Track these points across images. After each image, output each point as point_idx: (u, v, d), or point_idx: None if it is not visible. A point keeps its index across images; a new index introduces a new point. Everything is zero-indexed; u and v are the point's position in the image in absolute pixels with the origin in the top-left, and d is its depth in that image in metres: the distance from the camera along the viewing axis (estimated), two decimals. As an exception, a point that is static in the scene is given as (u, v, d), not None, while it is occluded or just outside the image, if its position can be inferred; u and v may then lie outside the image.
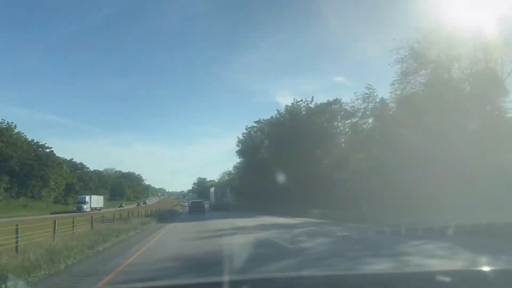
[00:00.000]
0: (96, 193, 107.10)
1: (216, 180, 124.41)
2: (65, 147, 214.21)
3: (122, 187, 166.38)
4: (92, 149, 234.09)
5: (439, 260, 8.83)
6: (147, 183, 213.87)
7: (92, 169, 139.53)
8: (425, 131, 23.33)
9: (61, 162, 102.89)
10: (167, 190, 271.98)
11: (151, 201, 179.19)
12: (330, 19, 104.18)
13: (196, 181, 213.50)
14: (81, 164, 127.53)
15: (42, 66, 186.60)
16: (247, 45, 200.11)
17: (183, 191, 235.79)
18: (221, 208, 56.49)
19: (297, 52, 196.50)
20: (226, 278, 2.01)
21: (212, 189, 69.62)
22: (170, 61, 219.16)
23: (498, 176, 19.13)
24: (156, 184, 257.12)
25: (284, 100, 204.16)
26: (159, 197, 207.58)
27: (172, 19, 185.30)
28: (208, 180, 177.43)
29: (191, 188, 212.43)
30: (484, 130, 21.55)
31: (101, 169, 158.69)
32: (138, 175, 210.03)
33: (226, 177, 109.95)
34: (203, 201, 61.47)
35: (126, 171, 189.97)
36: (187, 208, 61.63)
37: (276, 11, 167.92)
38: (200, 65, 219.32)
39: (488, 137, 21.25)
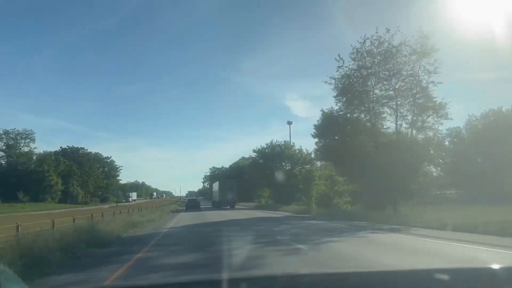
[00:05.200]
0: None
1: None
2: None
3: (37, 178, 77.40)
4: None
5: None
6: (141, 180, 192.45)
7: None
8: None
9: None
10: (174, 194, 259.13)
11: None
12: (339, 21, 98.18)
13: (209, 173, 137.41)
14: None
15: (52, 72, 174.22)
16: (255, 48, 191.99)
17: (192, 191, 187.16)
18: (226, 205, 52.87)
19: (306, 55, 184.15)
20: (225, 276, 2.01)
21: (216, 184, 63.01)
22: (177, 65, 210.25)
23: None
24: (164, 188, 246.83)
25: (293, 103, 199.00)
26: (128, 200, 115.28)
27: (179, 24, 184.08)
28: (226, 167, 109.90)
29: (201, 187, 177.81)
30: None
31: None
32: (107, 159, 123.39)
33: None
34: (198, 199, 61.80)
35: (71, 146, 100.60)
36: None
37: (284, 14, 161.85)
38: (208, 69, 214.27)
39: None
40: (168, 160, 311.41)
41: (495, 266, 2.10)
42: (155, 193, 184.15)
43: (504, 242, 11.97)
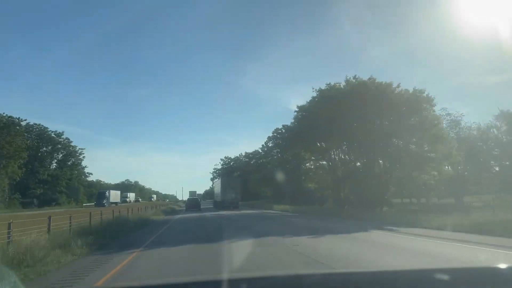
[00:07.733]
0: None
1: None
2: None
3: None
4: (107, 158, 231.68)
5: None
6: (146, 185, 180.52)
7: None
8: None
9: None
10: (178, 198, 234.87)
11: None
12: (344, 25, 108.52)
13: (221, 166, 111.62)
14: None
15: (56, 76, 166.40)
16: (260, 52, 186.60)
17: (193, 191, 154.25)
18: (229, 206, 47.27)
19: (311, 59, 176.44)
20: (225, 276, 2.03)
21: (218, 182, 58.92)
22: (182, 69, 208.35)
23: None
24: (168, 191, 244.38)
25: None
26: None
27: (184, 29, 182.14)
28: (249, 153, 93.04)
29: (208, 188, 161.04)
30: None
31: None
32: (59, 136, 79.87)
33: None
34: (198, 199, 58.36)
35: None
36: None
37: (289, 18, 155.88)
38: (213, 73, 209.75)
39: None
40: (172, 164, 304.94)
41: (497, 265, 2.06)
42: (129, 195, 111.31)
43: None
